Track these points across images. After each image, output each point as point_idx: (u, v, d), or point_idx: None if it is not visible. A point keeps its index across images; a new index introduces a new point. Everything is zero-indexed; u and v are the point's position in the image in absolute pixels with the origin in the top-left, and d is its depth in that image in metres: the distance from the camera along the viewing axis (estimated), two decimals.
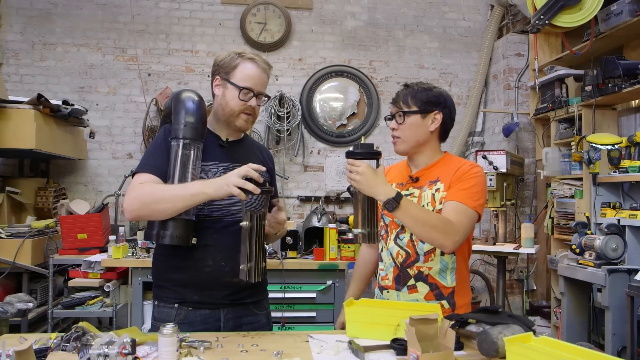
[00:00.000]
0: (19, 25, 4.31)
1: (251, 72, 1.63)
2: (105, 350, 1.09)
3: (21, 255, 3.21)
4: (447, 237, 1.54)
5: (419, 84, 1.75)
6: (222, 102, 1.65)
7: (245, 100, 1.62)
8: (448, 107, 1.74)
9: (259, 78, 1.64)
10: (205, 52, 4.52)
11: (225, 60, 1.65)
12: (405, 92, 1.73)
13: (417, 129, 1.70)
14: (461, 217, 1.58)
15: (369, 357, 1.33)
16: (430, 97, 1.70)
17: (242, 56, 1.64)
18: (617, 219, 3.02)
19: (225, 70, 1.64)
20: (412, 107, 1.70)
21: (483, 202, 1.65)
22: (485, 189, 1.71)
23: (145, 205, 1.51)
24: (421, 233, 1.56)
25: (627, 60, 3.19)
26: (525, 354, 1.15)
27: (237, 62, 1.63)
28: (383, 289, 1.75)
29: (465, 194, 1.60)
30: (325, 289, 2.74)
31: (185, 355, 1.32)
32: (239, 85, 1.61)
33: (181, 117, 1.59)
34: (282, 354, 1.33)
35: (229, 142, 1.70)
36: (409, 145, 1.72)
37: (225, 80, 1.63)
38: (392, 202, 1.50)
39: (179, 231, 1.53)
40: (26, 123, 3.25)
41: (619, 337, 2.73)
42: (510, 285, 4.20)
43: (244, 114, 1.64)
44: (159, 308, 1.65)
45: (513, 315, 1.45)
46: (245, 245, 1.43)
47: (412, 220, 1.53)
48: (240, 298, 1.65)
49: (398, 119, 1.72)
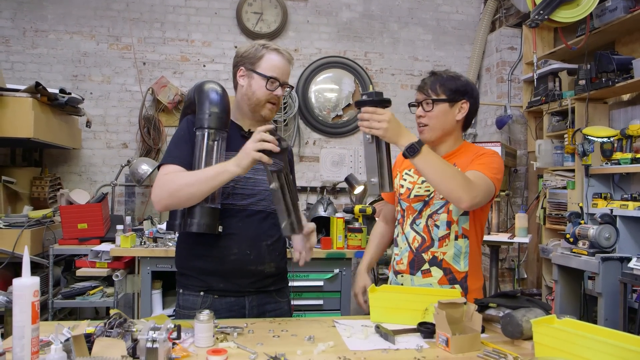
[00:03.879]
0: (9, 11, 4.21)
1: (277, 62, 1.66)
2: (153, 335, 1.11)
3: (20, 246, 3.17)
4: (466, 191, 1.50)
5: (446, 71, 1.75)
6: (247, 92, 1.67)
7: (272, 90, 1.65)
8: (474, 96, 1.75)
9: (284, 68, 1.67)
10: (200, 41, 4.49)
11: (250, 51, 1.67)
12: (433, 80, 1.72)
13: (444, 118, 1.71)
14: (480, 181, 1.57)
15: (397, 340, 1.38)
16: (458, 86, 1.71)
17: (266, 47, 1.66)
18: (610, 209, 3.13)
19: (251, 61, 1.66)
20: (440, 95, 1.70)
21: (500, 178, 1.66)
22: (502, 170, 1.71)
23: (171, 194, 1.52)
24: (440, 183, 1.50)
25: (620, 56, 3.29)
26: (552, 334, 1.22)
27: (263, 52, 1.65)
28: (397, 274, 1.79)
29: (483, 167, 1.63)
30: (333, 278, 2.78)
31: (221, 340, 1.35)
32: (266, 74, 1.63)
33: (206, 107, 1.60)
34: (314, 338, 1.37)
35: (251, 133, 1.71)
36: (436, 134, 1.73)
37: (251, 71, 1.65)
38: (415, 147, 1.46)
39: (206, 219, 1.54)
40: (24, 111, 3.20)
41: (611, 322, 2.85)
42: (501, 273, 4.31)
43: (269, 103, 1.67)
44: (184, 296, 1.68)
45: (531, 299, 1.51)
46: (280, 205, 1.44)
47: (431, 168, 1.49)
48: (264, 286, 1.69)
49: (426, 106, 1.71)
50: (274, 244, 1.69)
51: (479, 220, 1.73)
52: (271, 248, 1.68)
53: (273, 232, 1.68)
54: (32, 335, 1.05)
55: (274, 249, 1.69)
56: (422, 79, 1.77)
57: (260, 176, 1.67)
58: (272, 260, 1.68)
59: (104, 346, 1.13)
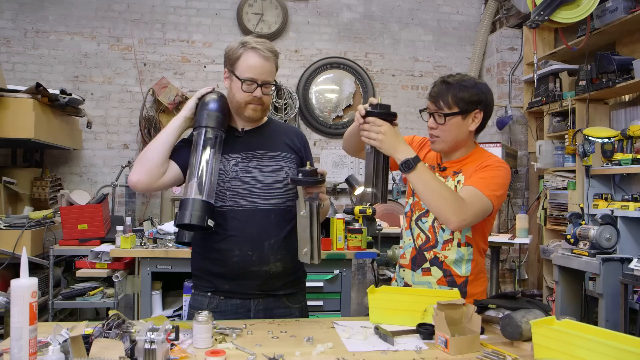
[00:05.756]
0: (10, 12, 4.22)
1: (253, 62, 1.58)
2: (151, 336, 1.11)
3: (20, 247, 3.17)
4: (455, 213, 1.49)
5: (459, 79, 1.65)
6: (229, 94, 1.66)
7: (250, 92, 1.60)
8: (488, 103, 1.68)
9: (262, 67, 1.59)
10: (201, 42, 4.50)
11: (231, 51, 1.63)
12: (445, 91, 1.63)
13: (457, 130, 1.65)
14: (474, 201, 1.55)
15: (396, 342, 1.37)
16: (472, 96, 1.63)
17: (244, 46, 1.60)
18: (610, 210, 3.12)
19: (231, 62, 1.62)
20: (453, 107, 1.63)
21: (500, 195, 1.62)
22: (507, 184, 1.66)
23: (139, 163, 1.57)
24: (430, 201, 1.52)
25: (620, 56, 3.29)
26: (551, 335, 1.22)
27: (240, 52, 1.59)
28: (400, 267, 1.79)
29: (483, 182, 1.59)
30: (333, 279, 2.78)
31: (219, 341, 1.35)
32: (241, 77, 1.59)
33: (204, 111, 1.61)
34: (313, 339, 1.37)
35: (245, 132, 1.70)
36: (448, 145, 1.68)
37: (231, 72, 1.63)
38: (410, 163, 1.48)
39: (195, 211, 1.50)
40: (25, 112, 3.21)
41: (612, 324, 2.84)
42: (502, 274, 4.31)
43: (251, 104, 1.62)
44: (194, 296, 1.68)
45: (531, 300, 1.50)
46: (305, 232, 1.48)
47: (424, 185, 1.50)
48: (271, 289, 1.65)
49: (438, 119, 1.65)
50: (278, 242, 1.63)
51: (481, 231, 1.70)
52: (275, 247, 1.62)
53: (276, 230, 1.63)
54: (30, 336, 1.05)
55: (279, 248, 1.63)
56: (434, 86, 1.68)
57: (255, 174, 1.64)
58: (278, 260, 1.63)
59: (102, 347, 1.13)
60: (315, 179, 1.48)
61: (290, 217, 1.65)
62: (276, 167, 1.67)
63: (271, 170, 1.65)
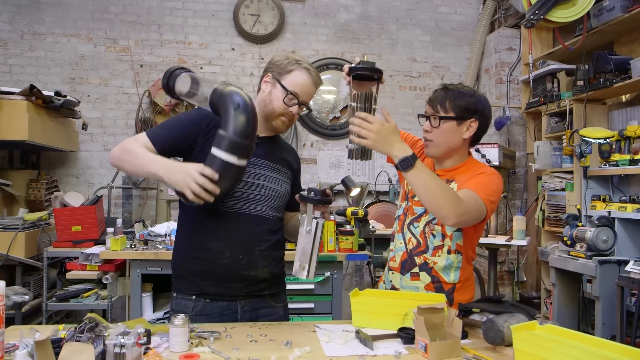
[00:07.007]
0: (7, 14, 4.23)
1: (303, 81, 1.63)
2: (121, 340, 1.09)
3: (14, 248, 3.17)
4: (453, 209, 1.45)
5: (459, 87, 1.67)
6: (266, 99, 1.65)
7: (289, 105, 1.63)
8: (485, 115, 1.67)
9: (308, 88, 1.65)
10: (197, 43, 4.49)
11: (283, 62, 1.65)
12: (443, 95, 1.65)
13: (451, 135, 1.65)
14: (471, 201, 1.53)
15: (376, 346, 1.35)
16: (469, 104, 1.64)
17: (299, 63, 1.64)
18: (608, 212, 3.08)
19: (279, 71, 1.64)
20: (449, 112, 1.64)
21: (494, 201, 1.61)
22: (500, 192, 1.65)
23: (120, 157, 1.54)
24: (428, 198, 1.48)
25: (618, 56, 3.25)
26: (532, 341, 1.19)
27: (293, 67, 1.63)
28: (390, 270, 1.78)
29: (478, 187, 1.58)
30: (324, 281, 2.76)
31: (196, 345, 1.33)
32: (287, 88, 1.62)
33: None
34: (291, 343, 1.35)
35: (259, 138, 1.67)
36: (440, 151, 1.68)
37: (276, 80, 1.64)
38: (409, 161, 1.44)
39: None
40: (18, 114, 3.21)
41: (609, 326, 2.80)
42: (500, 276, 4.27)
43: (283, 117, 1.65)
44: (177, 300, 1.65)
45: (516, 304, 1.48)
46: (306, 249, 1.52)
47: (423, 183, 1.46)
48: (257, 290, 1.66)
49: (433, 122, 1.65)
50: (268, 249, 1.66)
51: (471, 239, 1.70)
52: (265, 254, 1.65)
53: (268, 237, 1.66)
54: None
55: (268, 255, 1.66)
56: (434, 92, 1.70)
57: (257, 181, 1.65)
58: (266, 266, 1.65)
59: (72, 351, 1.12)
60: (326, 199, 1.54)
61: (279, 229, 1.72)
62: (277, 179, 1.70)
63: (272, 181, 1.69)
